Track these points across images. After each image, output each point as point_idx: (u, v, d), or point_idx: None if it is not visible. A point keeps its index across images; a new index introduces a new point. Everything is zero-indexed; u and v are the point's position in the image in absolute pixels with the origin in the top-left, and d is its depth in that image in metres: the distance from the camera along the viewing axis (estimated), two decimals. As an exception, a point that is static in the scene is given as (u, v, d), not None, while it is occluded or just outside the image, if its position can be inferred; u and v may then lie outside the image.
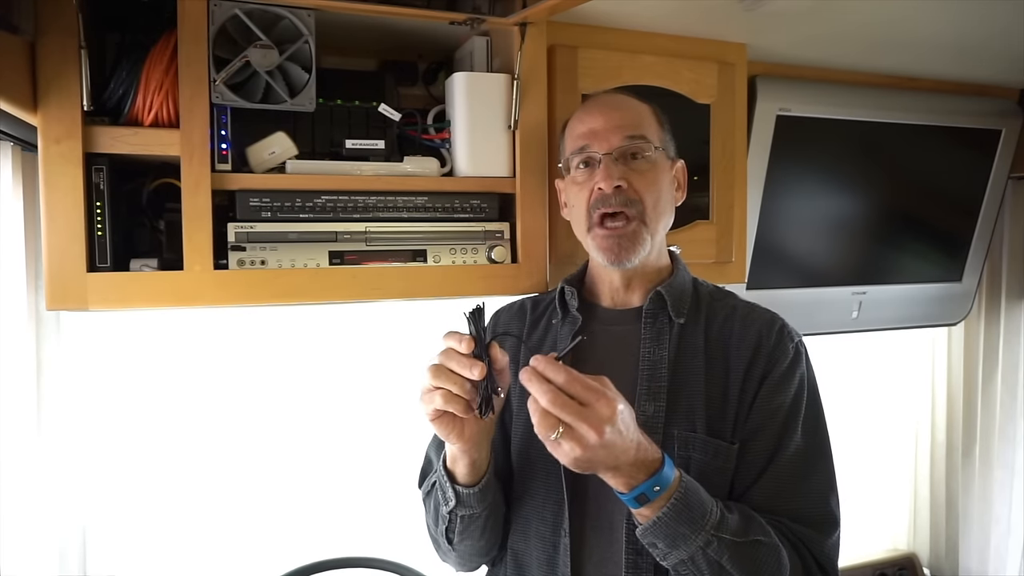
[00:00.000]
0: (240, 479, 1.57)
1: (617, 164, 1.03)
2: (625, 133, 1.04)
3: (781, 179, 1.70)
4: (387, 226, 1.23)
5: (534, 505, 1.02)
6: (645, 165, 1.04)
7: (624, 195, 1.02)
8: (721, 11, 1.34)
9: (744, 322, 1.04)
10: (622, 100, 1.10)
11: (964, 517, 2.22)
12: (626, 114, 1.06)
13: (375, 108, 1.25)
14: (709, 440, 0.97)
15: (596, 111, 1.08)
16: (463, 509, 0.96)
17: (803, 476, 0.96)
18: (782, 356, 1.00)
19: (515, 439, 1.07)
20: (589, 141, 1.06)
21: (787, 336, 1.03)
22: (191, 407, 1.53)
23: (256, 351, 1.57)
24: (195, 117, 1.10)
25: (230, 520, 1.56)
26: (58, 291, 1.05)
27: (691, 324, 1.04)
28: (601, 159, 1.04)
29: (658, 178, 1.05)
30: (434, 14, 1.20)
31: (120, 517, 1.48)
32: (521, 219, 1.29)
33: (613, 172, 1.02)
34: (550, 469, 1.01)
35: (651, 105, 1.11)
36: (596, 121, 1.06)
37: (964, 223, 2.01)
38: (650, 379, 1.00)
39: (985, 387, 2.20)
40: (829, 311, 1.87)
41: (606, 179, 1.02)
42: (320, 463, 1.61)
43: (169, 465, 1.52)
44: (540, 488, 1.02)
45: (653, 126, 1.08)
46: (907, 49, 1.62)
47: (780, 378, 0.99)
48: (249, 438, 1.56)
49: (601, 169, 1.03)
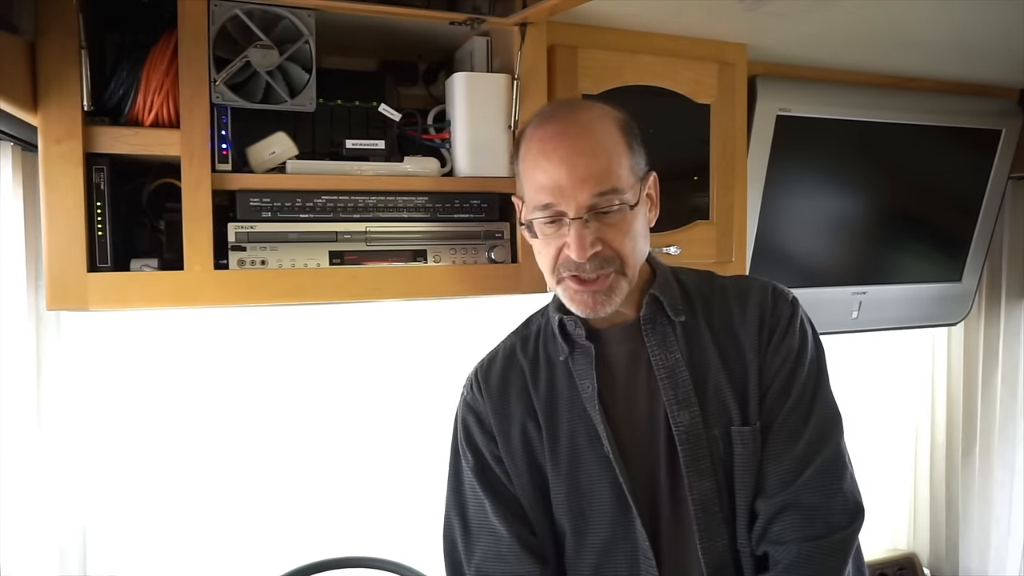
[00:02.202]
0: (240, 479, 1.57)
1: (588, 226, 0.92)
2: (594, 190, 0.91)
3: (781, 179, 1.70)
4: (387, 226, 1.23)
5: (607, 551, 0.97)
6: (618, 217, 0.93)
7: (599, 258, 0.93)
8: (721, 11, 1.34)
9: (739, 299, 1.03)
10: (584, 134, 0.94)
11: (964, 517, 2.21)
12: (592, 161, 0.92)
13: (375, 108, 1.25)
14: (744, 429, 0.96)
15: (559, 158, 0.92)
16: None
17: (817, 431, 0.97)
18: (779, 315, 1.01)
19: (557, 494, 1.00)
20: (554, 199, 0.93)
21: (780, 297, 1.03)
22: (191, 407, 1.52)
23: (256, 351, 1.57)
24: (195, 117, 1.10)
25: (230, 520, 1.56)
26: (58, 291, 1.05)
27: (691, 319, 1.02)
28: (571, 223, 0.92)
29: (632, 226, 0.95)
30: (434, 14, 1.20)
31: (120, 517, 1.48)
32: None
33: (586, 240, 0.91)
34: (619, 519, 0.97)
35: (616, 117, 0.97)
36: (559, 173, 0.92)
37: (964, 223, 2.01)
38: (673, 386, 0.97)
39: (985, 387, 2.19)
40: (829, 311, 1.87)
41: (579, 250, 0.91)
42: (320, 463, 1.61)
43: (169, 465, 1.52)
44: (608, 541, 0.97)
45: (623, 160, 0.94)
46: (907, 49, 1.62)
47: (780, 336, 0.99)
48: (249, 438, 1.56)
49: (573, 236, 0.92)
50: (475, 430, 1.05)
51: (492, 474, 1.03)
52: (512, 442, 1.02)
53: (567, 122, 0.96)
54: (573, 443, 0.99)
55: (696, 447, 0.95)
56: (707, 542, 0.94)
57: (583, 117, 0.96)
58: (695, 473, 0.94)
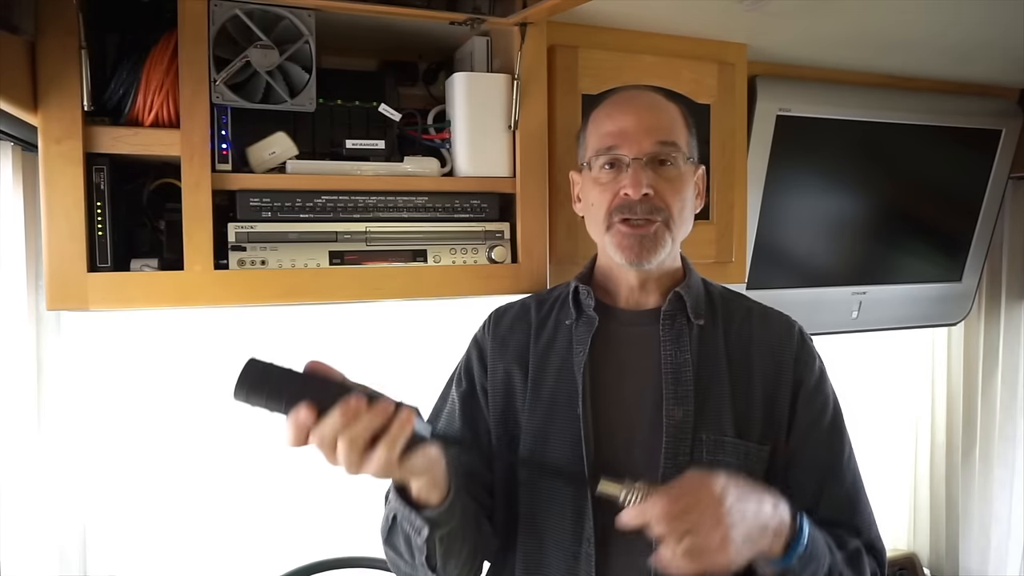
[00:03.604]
0: (240, 479, 1.57)
1: (646, 170, 0.98)
2: (657, 138, 0.99)
3: (781, 179, 1.70)
4: (387, 226, 1.23)
5: (552, 513, 0.98)
6: (674, 173, 1.00)
7: (650, 203, 0.98)
8: (721, 11, 1.34)
9: (763, 324, 1.05)
10: (655, 100, 1.04)
11: (964, 517, 2.22)
12: (660, 116, 1.01)
13: (375, 108, 1.25)
14: (739, 443, 0.97)
15: (628, 109, 1.02)
16: (440, 529, 0.87)
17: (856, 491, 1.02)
18: (811, 361, 1.03)
19: (524, 443, 1.02)
20: (618, 142, 1.00)
21: (808, 341, 1.06)
22: (191, 407, 1.53)
23: (256, 351, 1.56)
24: (195, 117, 1.10)
25: (230, 520, 1.56)
26: (58, 291, 1.05)
27: (709, 326, 1.03)
28: (630, 163, 0.99)
29: (684, 187, 1.02)
30: (434, 14, 1.20)
31: (120, 517, 1.48)
32: (521, 219, 1.29)
33: (642, 178, 0.97)
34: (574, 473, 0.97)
35: (681, 106, 1.06)
36: (627, 120, 1.00)
37: (964, 223, 2.01)
38: (676, 383, 0.98)
39: (985, 387, 2.20)
40: (829, 311, 1.87)
41: (634, 185, 0.98)
42: (321, 463, 1.60)
43: (169, 465, 1.52)
44: (559, 495, 0.98)
45: (683, 131, 1.03)
46: (907, 49, 1.62)
47: (814, 389, 1.02)
48: (249, 438, 1.56)
49: (630, 174, 0.99)
50: (475, 362, 1.08)
51: (476, 403, 1.06)
52: (497, 382, 1.05)
53: (638, 90, 1.07)
54: (553, 401, 1.01)
55: (680, 443, 0.95)
56: None
57: (653, 91, 1.08)
58: (672, 466, 0.94)
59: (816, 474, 1.00)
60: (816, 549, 0.88)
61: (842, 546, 0.95)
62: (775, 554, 0.86)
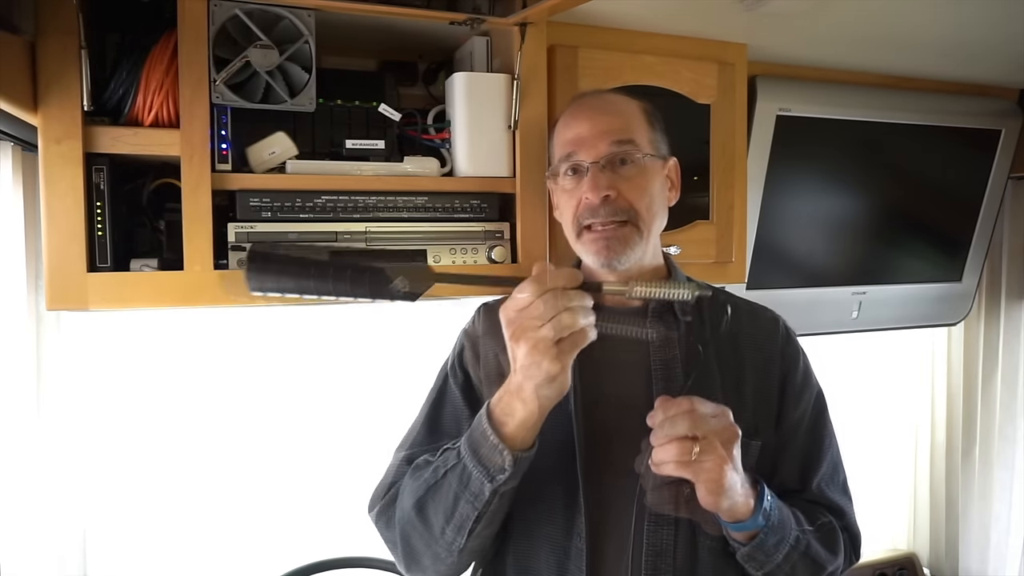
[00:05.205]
0: (240, 480, 1.57)
1: (604, 172, 1.00)
2: (612, 139, 1.01)
3: (781, 179, 1.70)
4: (387, 226, 1.23)
5: (543, 508, 0.99)
6: (634, 171, 1.01)
7: (613, 205, 1.00)
8: (721, 11, 1.34)
9: (749, 319, 1.08)
10: (609, 102, 1.07)
11: (964, 517, 2.22)
12: (613, 119, 1.03)
13: (375, 108, 1.25)
14: None
15: (582, 115, 1.05)
16: (512, 481, 0.88)
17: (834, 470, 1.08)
18: (796, 355, 1.08)
19: None
20: (575, 148, 1.03)
21: (792, 336, 1.10)
22: (191, 408, 1.53)
23: (256, 351, 1.57)
24: (195, 117, 1.09)
25: (230, 521, 1.56)
26: (58, 291, 1.05)
27: (696, 322, 1.04)
28: (588, 168, 1.01)
29: (648, 182, 1.02)
30: (434, 14, 1.20)
31: (120, 519, 1.48)
32: (521, 219, 1.29)
33: (600, 182, 0.99)
34: (565, 469, 0.97)
35: (641, 103, 1.07)
36: (582, 127, 1.03)
37: (964, 223, 2.01)
38: (665, 379, 0.99)
39: (985, 387, 2.19)
40: (829, 311, 1.87)
41: (592, 189, 1.00)
42: (321, 463, 1.61)
43: (169, 466, 1.52)
44: (550, 491, 0.98)
45: (642, 127, 1.04)
46: (907, 49, 1.62)
47: (801, 383, 1.06)
48: (249, 438, 1.56)
49: (588, 179, 1.01)
50: (467, 351, 1.09)
51: (474, 392, 1.06)
52: (490, 367, 1.05)
53: (595, 96, 1.10)
54: None
55: None
56: (652, 525, 0.95)
57: (610, 94, 1.12)
58: None
59: (800, 462, 1.05)
60: (781, 516, 0.94)
61: (813, 520, 0.99)
62: (740, 515, 0.91)
